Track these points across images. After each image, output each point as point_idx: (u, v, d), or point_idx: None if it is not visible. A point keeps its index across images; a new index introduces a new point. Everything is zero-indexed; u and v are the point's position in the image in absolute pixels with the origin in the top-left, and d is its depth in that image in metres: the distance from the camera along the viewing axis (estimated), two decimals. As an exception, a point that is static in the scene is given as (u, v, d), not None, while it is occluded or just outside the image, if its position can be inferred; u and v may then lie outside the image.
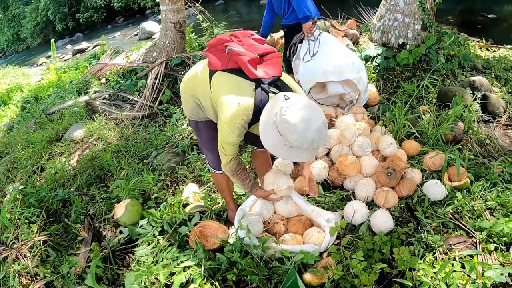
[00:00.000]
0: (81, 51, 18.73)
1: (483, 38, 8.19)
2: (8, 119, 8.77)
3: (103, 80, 8.05)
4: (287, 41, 5.73)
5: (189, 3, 8.93)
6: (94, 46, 18.12)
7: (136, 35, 18.37)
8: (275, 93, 2.76)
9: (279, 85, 2.82)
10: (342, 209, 3.72)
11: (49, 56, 16.62)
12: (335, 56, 4.96)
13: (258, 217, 3.54)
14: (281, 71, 2.88)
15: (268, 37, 7.84)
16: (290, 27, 5.58)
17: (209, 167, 3.62)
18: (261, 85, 2.72)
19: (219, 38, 2.97)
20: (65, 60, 17.17)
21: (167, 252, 3.49)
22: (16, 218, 4.19)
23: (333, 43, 5.14)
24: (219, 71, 2.88)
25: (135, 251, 3.69)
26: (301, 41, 5.31)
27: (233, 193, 3.98)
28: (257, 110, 2.68)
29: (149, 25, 17.77)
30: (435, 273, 2.85)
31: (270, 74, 2.77)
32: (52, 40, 14.70)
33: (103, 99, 7.24)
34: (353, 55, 5.14)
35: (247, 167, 3.27)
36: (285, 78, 2.96)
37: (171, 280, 3.16)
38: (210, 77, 2.94)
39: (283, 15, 5.63)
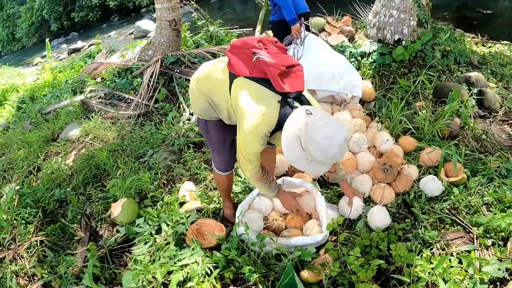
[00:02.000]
0: (77, 50, 18.69)
1: (479, 34, 8.21)
2: (4, 119, 8.75)
3: (99, 79, 8.03)
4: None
5: (184, 1, 8.92)
6: (90, 45, 18.07)
7: (132, 33, 18.32)
8: (298, 106, 2.73)
9: (303, 100, 2.80)
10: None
11: (45, 56, 16.61)
12: (317, 63, 4.98)
13: (258, 214, 3.55)
14: (303, 86, 2.83)
15: (264, 34, 7.84)
16: (275, 24, 5.54)
17: (214, 168, 3.60)
18: (287, 99, 2.71)
19: (245, 41, 2.89)
20: (61, 59, 17.14)
21: (164, 251, 3.48)
22: (13, 218, 4.17)
23: (317, 47, 5.12)
24: (242, 77, 2.81)
25: (132, 250, 3.69)
26: (290, 43, 5.29)
27: (231, 192, 3.99)
28: (280, 122, 2.68)
29: (144, 24, 17.72)
30: (432, 268, 2.85)
31: (295, 89, 2.73)
32: (47, 40, 14.67)
33: (98, 98, 7.22)
34: (336, 60, 5.12)
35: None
36: (306, 93, 2.95)
37: (169, 279, 3.16)
38: (231, 81, 2.88)
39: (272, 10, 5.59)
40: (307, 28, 5.46)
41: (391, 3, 6.36)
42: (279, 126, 2.69)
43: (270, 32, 8.24)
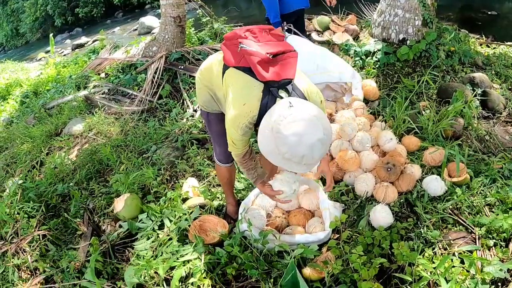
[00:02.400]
0: (80, 46, 18.66)
1: (483, 35, 8.19)
2: (7, 114, 8.76)
3: (103, 75, 8.03)
4: None
5: (189, -2, 8.92)
6: (94, 41, 18.03)
7: (136, 29, 18.29)
8: (283, 97, 2.60)
9: (288, 89, 2.66)
10: (342, 202, 3.74)
11: (48, 51, 16.56)
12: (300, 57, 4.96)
13: (261, 211, 3.56)
14: (294, 73, 2.69)
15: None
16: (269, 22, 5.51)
17: (215, 159, 3.61)
18: (270, 88, 2.60)
19: (235, 32, 2.84)
20: (64, 55, 17.13)
21: (167, 246, 3.49)
22: (16, 212, 4.18)
23: (299, 45, 5.09)
24: (232, 68, 2.76)
25: (134, 245, 3.69)
26: None
27: (234, 188, 3.99)
28: (262, 113, 2.57)
29: (149, 20, 17.68)
30: (434, 268, 2.86)
31: (282, 76, 2.58)
32: (51, 35, 14.68)
33: (102, 94, 7.22)
34: (315, 56, 5.07)
35: (257, 157, 3.21)
36: (299, 80, 2.80)
37: (171, 274, 3.17)
38: (223, 72, 2.84)
39: None
40: (289, 31, 5.41)
41: (396, 2, 6.36)
42: (262, 117, 2.55)
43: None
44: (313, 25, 7.51)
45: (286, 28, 5.20)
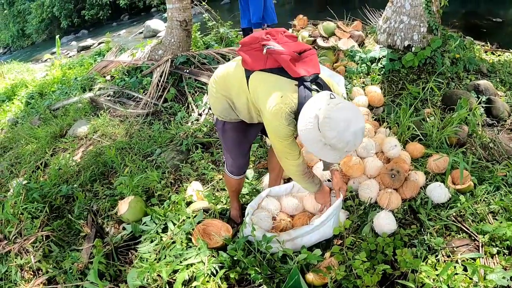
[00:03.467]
0: (86, 48, 18.77)
1: (488, 42, 8.19)
2: (13, 114, 8.80)
3: (108, 77, 8.06)
4: None
5: (195, 2, 8.94)
6: (99, 43, 18.14)
7: (141, 33, 18.36)
8: (317, 90, 2.72)
9: (320, 83, 2.78)
10: (346, 208, 3.74)
11: (54, 53, 16.64)
12: None
13: (267, 213, 3.57)
14: (319, 68, 2.84)
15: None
16: (244, 30, 5.47)
17: (226, 171, 3.61)
18: (304, 82, 2.70)
19: (254, 36, 2.91)
20: (70, 56, 17.21)
21: (170, 250, 3.49)
22: (19, 213, 4.19)
23: None
24: (257, 71, 2.83)
25: (138, 248, 3.69)
26: None
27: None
28: (301, 105, 2.65)
29: (154, 23, 17.76)
30: (437, 275, 2.86)
31: (311, 72, 2.74)
32: (57, 37, 14.73)
33: (107, 96, 7.25)
34: None
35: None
36: (323, 75, 2.91)
37: (174, 278, 3.17)
38: (247, 77, 2.88)
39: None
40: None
41: (401, 9, 6.37)
42: (300, 110, 2.64)
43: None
44: (318, 31, 7.52)
45: (266, 29, 5.22)
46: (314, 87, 2.72)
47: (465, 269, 2.96)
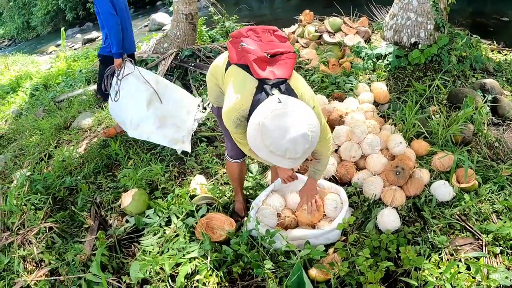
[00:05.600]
0: (91, 40, 18.73)
1: (495, 41, 8.16)
2: (17, 106, 8.80)
3: (113, 70, 8.05)
4: (100, 71, 5.48)
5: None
6: (105, 36, 18.10)
7: (147, 26, 18.31)
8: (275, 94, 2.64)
9: (281, 88, 2.67)
10: (350, 205, 3.73)
11: (59, 45, 16.62)
12: (129, 107, 5.03)
13: (272, 210, 3.56)
14: (290, 74, 2.76)
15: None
16: (103, 57, 5.39)
17: (227, 156, 3.65)
18: (264, 85, 2.63)
19: (239, 31, 2.95)
20: (75, 49, 17.17)
21: (173, 243, 3.50)
22: (23, 204, 4.21)
23: (130, 92, 5.05)
24: (233, 65, 2.87)
25: (141, 240, 3.70)
26: (112, 75, 5.15)
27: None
28: (253, 109, 2.57)
29: (160, 17, 17.71)
30: (440, 273, 2.86)
31: (277, 76, 2.65)
32: (62, 29, 14.72)
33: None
34: (140, 106, 5.04)
35: None
36: (295, 82, 2.81)
37: (177, 271, 3.18)
38: (226, 69, 2.96)
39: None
40: (133, 61, 5.40)
41: (409, 6, 6.34)
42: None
43: (286, 30, 8.25)
44: (325, 26, 7.50)
45: (126, 59, 5.17)
46: (275, 91, 2.62)
47: (468, 268, 2.96)
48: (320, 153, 3.14)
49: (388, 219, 3.41)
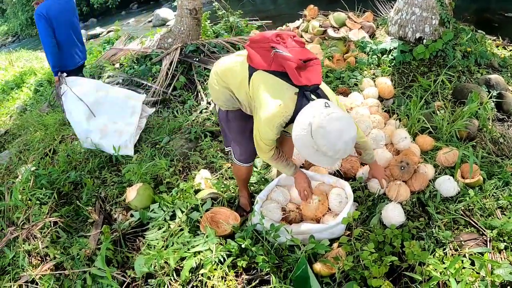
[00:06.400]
0: (95, 36, 18.72)
1: (500, 37, 8.13)
2: (21, 102, 8.81)
3: (117, 65, 8.04)
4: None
5: (205, -9, 8.92)
6: (108, 32, 18.07)
7: (150, 21, 18.30)
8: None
9: (319, 93, 2.82)
10: (354, 199, 3.73)
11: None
12: (74, 122, 5.31)
13: (276, 205, 3.57)
14: (321, 79, 2.88)
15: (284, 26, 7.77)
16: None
17: (235, 160, 3.63)
18: (304, 91, 2.75)
19: (264, 36, 2.95)
20: (79, 44, 17.16)
21: (178, 237, 3.51)
22: (28, 199, 4.22)
23: (72, 108, 5.33)
24: (261, 71, 2.88)
25: (145, 235, 3.71)
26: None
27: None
28: (295, 114, 2.72)
29: (164, 12, 17.70)
30: (445, 268, 2.85)
31: (312, 82, 2.76)
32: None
33: (116, 84, 7.24)
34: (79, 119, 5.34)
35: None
36: (322, 86, 2.96)
37: (181, 265, 3.19)
38: (250, 74, 2.95)
39: None
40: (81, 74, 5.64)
41: (413, 0, 6.32)
42: (294, 118, 2.72)
43: (290, 25, 8.25)
44: (329, 21, 7.48)
45: (62, 77, 5.31)
46: (313, 97, 2.76)
47: (472, 263, 2.95)
48: (360, 144, 3.35)
49: (393, 214, 3.41)
